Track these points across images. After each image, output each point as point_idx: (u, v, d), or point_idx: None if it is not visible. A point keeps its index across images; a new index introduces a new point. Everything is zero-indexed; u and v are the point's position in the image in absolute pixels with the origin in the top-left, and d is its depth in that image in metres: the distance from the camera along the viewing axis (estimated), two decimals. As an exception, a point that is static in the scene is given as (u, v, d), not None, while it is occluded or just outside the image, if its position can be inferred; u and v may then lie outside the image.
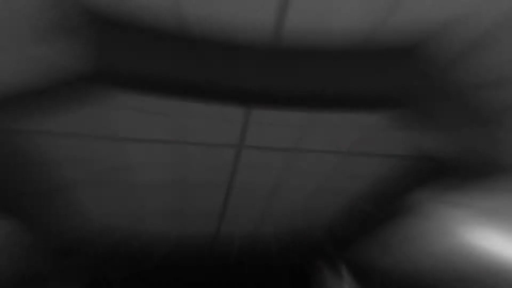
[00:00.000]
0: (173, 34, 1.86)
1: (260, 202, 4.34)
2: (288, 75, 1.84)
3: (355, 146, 3.13)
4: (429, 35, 1.92)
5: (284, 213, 4.67)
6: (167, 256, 5.41)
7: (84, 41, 1.77)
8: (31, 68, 1.87)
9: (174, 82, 1.83)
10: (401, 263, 4.45)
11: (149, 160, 3.31)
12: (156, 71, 1.80)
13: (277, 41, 1.89)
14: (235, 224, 4.98)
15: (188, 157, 3.29)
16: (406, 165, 3.29)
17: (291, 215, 4.73)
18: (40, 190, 3.22)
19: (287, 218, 4.80)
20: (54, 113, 2.13)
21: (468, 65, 2.12)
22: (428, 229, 3.76)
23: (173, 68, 1.83)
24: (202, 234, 5.30)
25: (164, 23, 1.82)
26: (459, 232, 3.41)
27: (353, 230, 4.52)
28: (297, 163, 3.43)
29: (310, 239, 5.21)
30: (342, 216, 4.59)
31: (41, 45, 1.83)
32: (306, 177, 3.73)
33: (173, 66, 1.84)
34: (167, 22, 1.82)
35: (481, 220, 3.08)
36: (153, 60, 1.80)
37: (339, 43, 1.93)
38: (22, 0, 1.59)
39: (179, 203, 4.27)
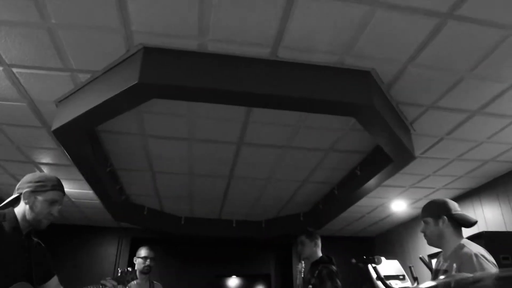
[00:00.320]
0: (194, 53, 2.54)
1: (254, 190, 5.02)
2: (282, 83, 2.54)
3: (332, 144, 3.82)
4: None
5: (274, 199, 5.38)
6: (182, 227, 6.16)
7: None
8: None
9: (195, 88, 2.49)
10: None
11: (170, 153, 3.97)
12: (182, 82, 2.46)
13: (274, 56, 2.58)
14: (233, 206, 5.69)
15: (197, 152, 3.95)
16: (365, 158, 4.07)
17: (279, 201, 5.45)
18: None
19: (276, 202, 5.52)
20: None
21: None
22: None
23: (194, 79, 2.49)
24: (208, 214, 6.08)
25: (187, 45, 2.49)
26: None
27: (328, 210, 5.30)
28: (287, 158, 4.11)
29: (293, 218, 6.03)
30: (320, 200, 5.39)
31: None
32: (294, 170, 4.42)
33: (194, 77, 2.50)
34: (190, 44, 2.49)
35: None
36: (180, 73, 2.47)
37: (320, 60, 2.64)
38: None
39: (190, 189, 4.96)
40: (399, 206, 5.63)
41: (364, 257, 3.00)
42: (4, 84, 2.88)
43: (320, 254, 3.44)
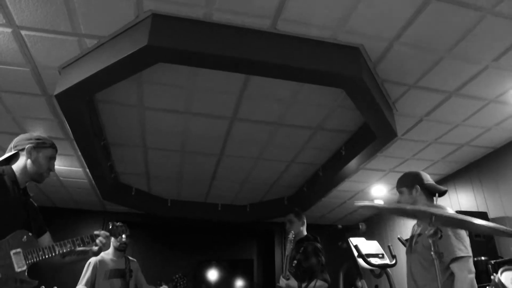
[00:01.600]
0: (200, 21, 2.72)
1: (242, 171, 5.21)
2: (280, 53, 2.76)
3: (321, 122, 4.05)
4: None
5: (260, 182, 5.60)
6: (169, 209, 6.29)
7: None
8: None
9: (198, 54, 2.68)
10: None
11: (165, 127, 4.11)
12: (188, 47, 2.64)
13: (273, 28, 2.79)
14: (220, 189, 5.90)
15: (192, 127, 4.10)
16: (351, 138, 4.35)
17: (265, 184, 5.69)
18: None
19: (262, 186, 5.76)
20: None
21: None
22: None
23: (199, 45, 2.67)
24: (195, 197, 6.25)
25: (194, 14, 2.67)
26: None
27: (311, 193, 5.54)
28: (277, 136, 4.32)
29: (278, 203, 6.29)
30: (305, 183, 5.62)
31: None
32: (283, 150, 4.63)
33: (198, 43, 2.68)
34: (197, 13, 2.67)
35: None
36: (186, 39, 2.65)
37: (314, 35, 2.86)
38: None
39: (180, 168, 5.11)
40: (379, 192, 5.91)
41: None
42: (11, 47, 2.98)
43: (305, 232, 3.65)
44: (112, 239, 3.77)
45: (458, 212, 4.28)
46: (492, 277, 1.74)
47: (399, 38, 2.91)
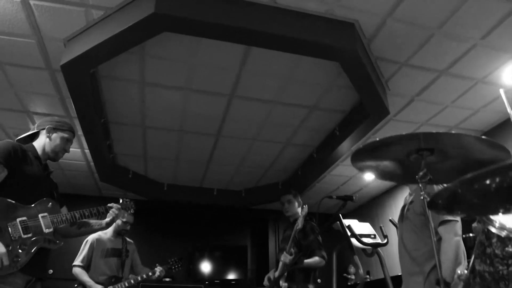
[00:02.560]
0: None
1: (239, 153, 5.35)
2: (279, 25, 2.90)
3: (317, 101, 4.20)
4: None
5: (255, 165, 5.74)
6: (165, 193, 6.42)
7: None
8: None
9: (203, 23, 2.81)
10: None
11: (164, 105, 4.22)
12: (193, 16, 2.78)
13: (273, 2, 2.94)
14: (216, 173, 6.05)
15: (191, 104, 4.22)
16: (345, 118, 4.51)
17: (260, 168, 5.83)
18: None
19: (257, 169, 5.90)
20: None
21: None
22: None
23: (204, 14, 2.81)
24: (191, 180, 6.35)
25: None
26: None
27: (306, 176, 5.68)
28: (274, 115, 4.45)
29: (272, 187, 6.44)
30: (299, 167, 5.77)
31: None
32: (279, 130, 4.77)
33: (203, 12, 2.82)
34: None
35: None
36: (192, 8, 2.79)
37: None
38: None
39: (177, 150, 5.22)
40: (372, 175, 6.07)
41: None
42: (19, 17, 3.08)
43: (300, 213, 3.81)
44: (118, 221, 3.96)
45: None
46: (473, 225, 1.87)
47: (392, 14, 3.07)
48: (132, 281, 3.74)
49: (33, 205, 2.14)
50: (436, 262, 1.69)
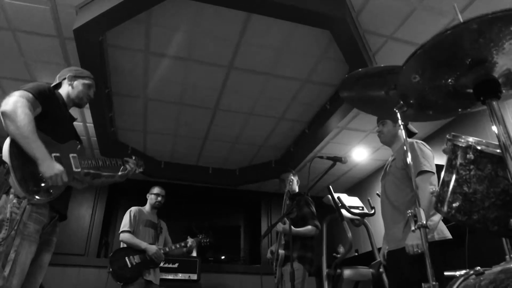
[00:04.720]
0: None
1: (235, 128, 5.63)
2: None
3: (309, 74, 4.51)
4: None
5: (250, 142, 6.03)
6: (162, 171, 6.65)
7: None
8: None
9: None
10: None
11: (166, 74, 4.49)
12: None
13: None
14: (212, 150, 6.33)
15: (191, 75, 4.50)
16: (336, 93, 4.80)
17: (254, 145, 6.11)
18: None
19: (251, 147, 6.17)
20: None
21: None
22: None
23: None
24: (187, 157, 6.58)
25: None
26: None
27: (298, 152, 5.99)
28: (269, 88, 4.75)
29: (266, 166, 6.72)
30: (292, 144, 6.07)
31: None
32: (274, 103, 5.07)
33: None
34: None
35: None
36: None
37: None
38: None
39: (176, 123, 5.48)
40: (361, 155, 6.41)
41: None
42: (35, -18, 3.34)
43: (297, 189, 4.19)
44: (151, 196, 4.39)
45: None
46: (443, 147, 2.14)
47: (378, -13, 3.39)
48: (167, 249, 4.13)
49: (64, 144, 2.27)
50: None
